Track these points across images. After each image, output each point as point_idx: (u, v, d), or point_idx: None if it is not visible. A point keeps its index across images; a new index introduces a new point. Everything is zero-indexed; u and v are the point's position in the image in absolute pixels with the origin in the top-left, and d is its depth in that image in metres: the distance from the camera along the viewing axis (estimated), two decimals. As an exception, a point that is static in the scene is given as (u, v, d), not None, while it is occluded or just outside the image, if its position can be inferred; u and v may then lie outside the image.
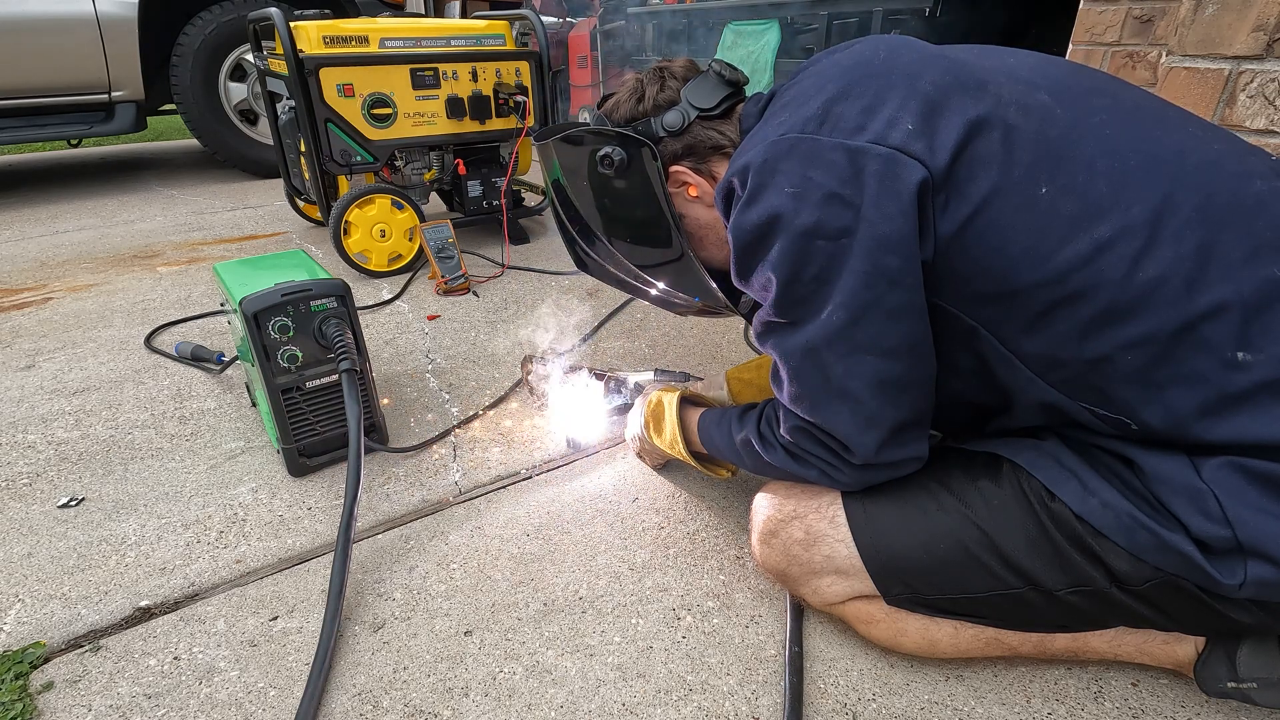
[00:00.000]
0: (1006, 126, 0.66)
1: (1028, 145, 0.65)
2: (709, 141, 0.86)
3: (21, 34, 2.89)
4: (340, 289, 1.14)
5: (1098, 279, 0.62)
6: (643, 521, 1.10)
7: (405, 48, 2.04)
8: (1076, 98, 0.69)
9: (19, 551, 1.04)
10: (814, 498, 0.83)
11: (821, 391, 0.72)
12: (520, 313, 1.90)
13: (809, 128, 0.69)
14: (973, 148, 0.65)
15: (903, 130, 0.65)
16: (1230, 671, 0.73)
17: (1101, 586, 0.68)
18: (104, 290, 2.12)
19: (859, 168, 0.65)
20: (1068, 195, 0.64)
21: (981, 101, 0.67)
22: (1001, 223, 0.64)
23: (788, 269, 0.69)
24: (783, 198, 0.68)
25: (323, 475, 1.21)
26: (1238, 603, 0.64)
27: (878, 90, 0.69)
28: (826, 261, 0.67)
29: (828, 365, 0.71)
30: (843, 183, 0.65)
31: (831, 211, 0.66)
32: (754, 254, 0.72)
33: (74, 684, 0.83)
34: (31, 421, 1.39)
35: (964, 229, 0.65)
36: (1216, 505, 0.61)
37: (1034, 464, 0.71)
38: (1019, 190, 0.64)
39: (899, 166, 0.64)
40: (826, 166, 0.66)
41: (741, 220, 0.71)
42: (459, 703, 0.80)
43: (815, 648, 0.87)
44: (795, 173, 0.67)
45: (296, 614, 0.93)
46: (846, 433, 0.73)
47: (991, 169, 0.65)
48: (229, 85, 3.40)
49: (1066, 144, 0.65)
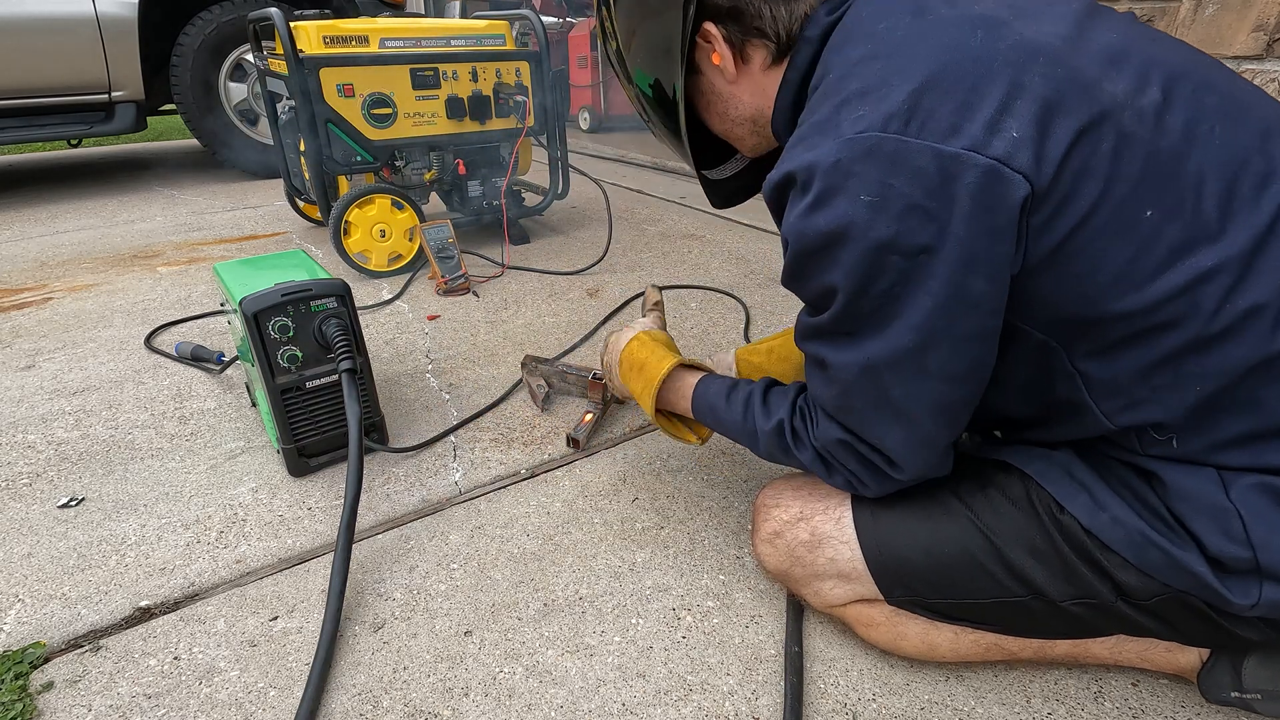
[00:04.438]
0: (1120, 134, 0.57)
1: (1137, 158, 0.57)
2: (759, 18, 0.73)
3: (21, 34, 2.89)
4: (340, 289, 1.14)
5: (1190, 310, 0.57)
6: (643, 521, 1.10)
7: (405, 48, 2.04)
8: (1188, 97, 0.60)
9: (19, 551, 1.04)
10: (820, 500, 0.82)
11: (874, 409, 0.68)
12: (520, 313, 1.90)
13: (893, 126, 0.58)
14: (1080, 157, 0.57)
15: (1007, 138, 0.56)
16: (1235, 682, 0.73)
17: (1107, 600, 0.67)
18: (104, 290, 2.12)
19: (950, 177, 0.57)
20: (1173, 221, 0.57)
21: (1096, 101, 0.58)
22: (1096, 246, 0.58)
23: (856, 282, 0.62)
24: (857, 207, 0.59)
25: (323, 475, 1.21)
26: (1247, 620, 0.64)
27: (975, 81, 0.58)
28: (899, 278, 0.60)
29: (888, 386, 0.65)
30: (929, 194, 0.57)
31: (912, 225, 0.58)
32: (816, 262, 0.65)
33: (74, 684, 0.83)
34: (31, 421, 1.39)
35: (1057, 250, 0.59)
36: (1240, 526, 0.59)
37: (1044, 475, 0.70)
38: (1122, 212, 0.57)
39: (999, 182, 0.56)
40: (912, 174, 0.57)
41: (805, 225, 0.63)
42: (459, 703, 0.80)
43: (815, 648, 0.87)
44: (874, 179, 0.58)
45: (296, 614, 0.93)
46: (897, 451, 0.69)
47: (1096, 183, 0.57)
48: (229, 85, 3.40)
49: (1176, 159, 0.58)
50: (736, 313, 1.87)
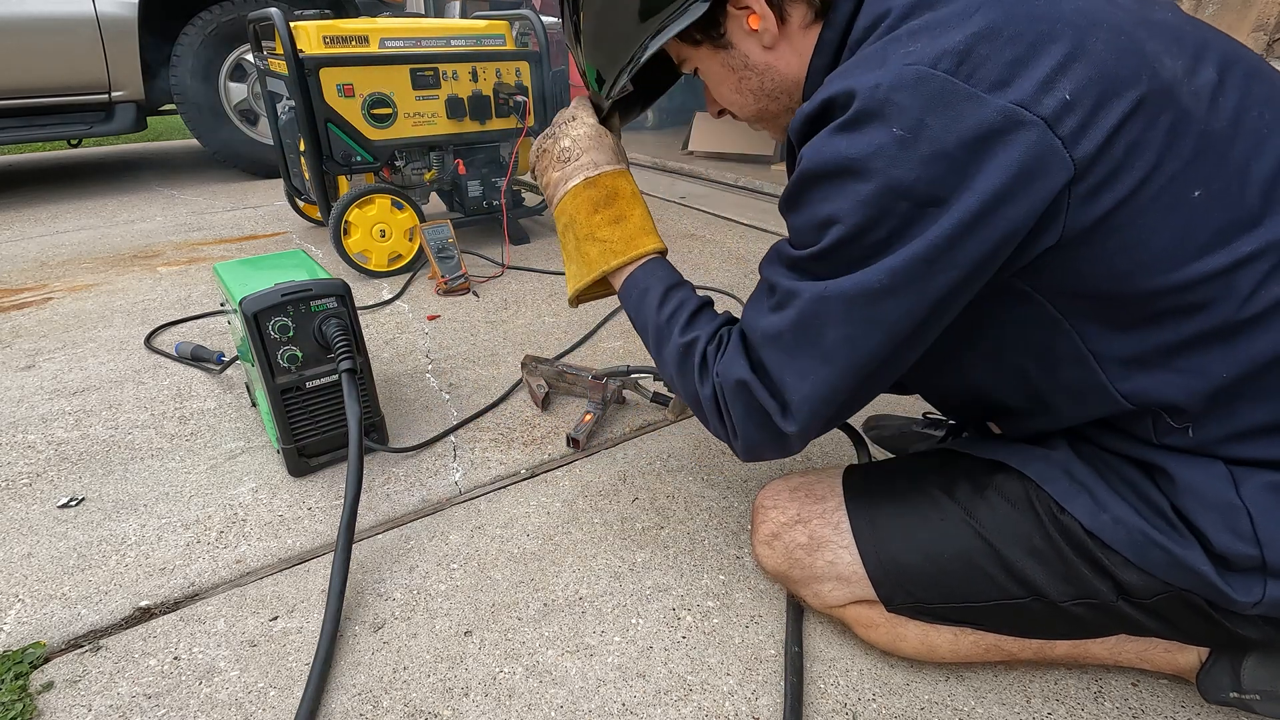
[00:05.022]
0: (1178, 111, 0.55)
1: (1190, 136, 0.56)
2: None
3: (21, 34, 2.89)
4: (340, 289, 1.14)
5: (1224, 294, 0.57)
6: (643, 521, 1.10)
7: (405, 48, 2.04)
8: (1239, 81, 0.59)
9: (19, 551, 1.04)
10: (817, 502, 0.83)
11: (804, 344, 0.63)
12: (520, 313, 1.90)
13: (943, 64, 0.55)
14: (1136, 130, 0.54)
15: (1059, 98, 0.53)
16: (1234, 682, 0.73)
17: (1108, 599, 0.67)
18: (104, 290, 2.12)
19: (990, 131, 0.53)
20: (1220, 203, 0.56)
21: (1156, 75, 0.55)
22: (1142, 222, 0.56)
23: (858, 222, 0.58)
24: (887, 139, 0.55)
25: (323, 475, 1.21)
26: (1248, 618, 0.64)
27: (1035, 39, 0.55)
28: (900, 225, 0.57)
29: (828, 323, 0.61)
30: (962, 144, 0.54)
31: (935, 173, 0.55)
32: (822, 188, 0.60)
33: (74, 684, 0.83)
34: (31, 421, 1.39)
35: (1101, 222, 0.56)
36: (1249, 524, 0.59)
37: (1044, 476, 0.70)
38: (1173, 188, 0.55)
39: (1041, 144, 0.53)
40: (951, 119, 0.54)
41: (826, 145, 0.58)
42: (459, 703, 0.80)
43: (815, 648, 0.87)
44: (912, 114, 0.55)
45: (296, 614, 0.93)
46: (799, 396, 0.64)
47: (1148, 157, 0.55)
48: (229, 85, 3.40)
49: (1225, 142, 0.57)
50: (736, 312, 1.87)
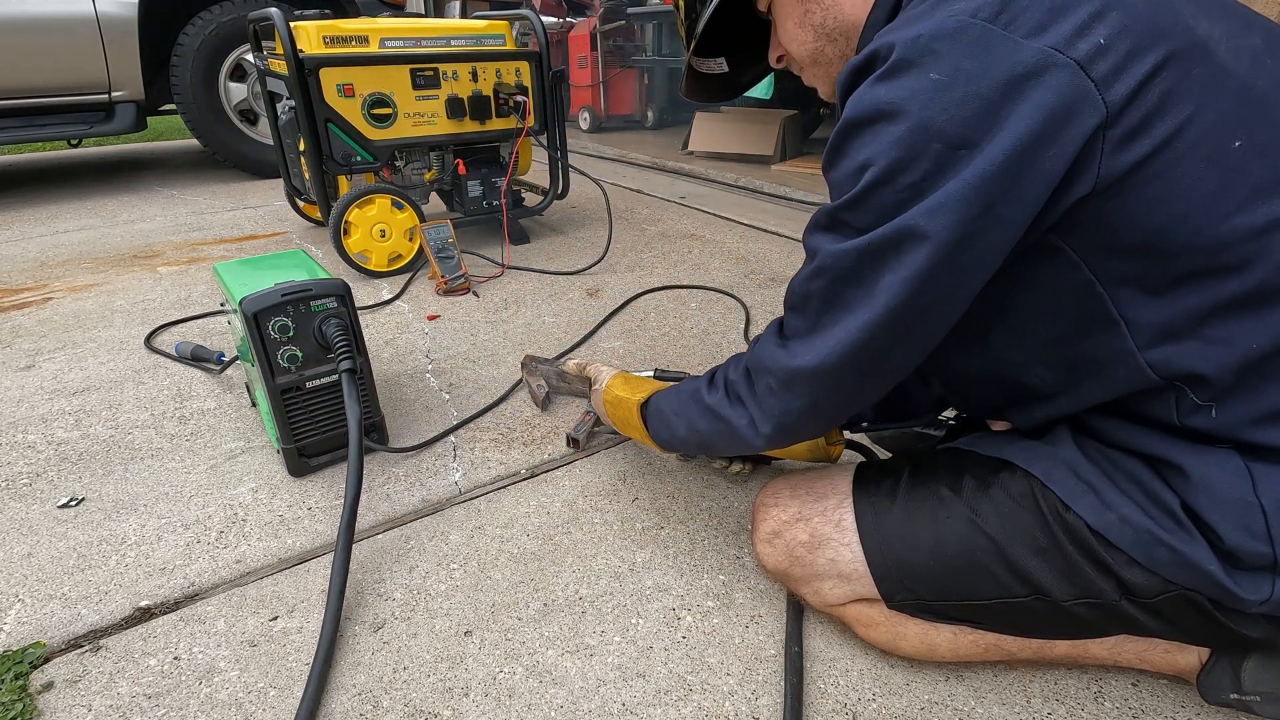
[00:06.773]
0: (1214, 65, 0.56)
1: (1233, 90, 0.56)
2: None
3: (21, 34, 2.89)
4: (340, 289, 1.14)
5: (1257, 257, 0.56)
6: (643, 521, 1.10)
7: (405, 48, 2.04)
8: None
9: (19, 551, 1.04)
10: (818, 500, 0.83)
11: (839, 296, 0.64)
12: (520, 313, 1.90)
13: (983, 14, 0.57)
14: (1171, 78, 0.55)
15: (1091, 42, 0.54)
16: (1234, 683, 0.72)
17: (1111, 599, 0.67)
18: (104, 290, 2.12)
19: (1025, 73, 0.54)
20: (1261, 158, 0.56)
21: (1190, 31, 0.56)
22: (1178, 172, 0.56)
23: (889, 163, 0.58)
24: (924, 83, 0.57)
25: (323, 475, 1.21)
26: (1250, 617, 0.64)
27: None
28: (933, 169, 0.57)
29: (865, 273, 0.62)
30: (995, 86, 0.55)
31: (966, 113, 0.55)
32: (859, 135, 0.61)
33: (74, 684, 0.83)
34: (31, 421, 1.39)
35: (1136, 170, 0.56)
36: (1263, 522, 0.59)
37: (1049, 475, 0.69)
38: (1212, 138, 0.55)
39: (1074, 87, 0.54)
40: (985, 62, 0.55)
41: (865, 93, 0.60)
42: (459, 703, 0.80)
43: (815, 648, 0.87)
44: (950, 60, 0.56)
45: (296, 614, 0.93)
46: (830, 343, 0.65)
47: (1184, 105, 0.55)
48: (229, 85, 3.40)
49: (1267, 102, 0.57)
50: (736, 313, 1.87)
